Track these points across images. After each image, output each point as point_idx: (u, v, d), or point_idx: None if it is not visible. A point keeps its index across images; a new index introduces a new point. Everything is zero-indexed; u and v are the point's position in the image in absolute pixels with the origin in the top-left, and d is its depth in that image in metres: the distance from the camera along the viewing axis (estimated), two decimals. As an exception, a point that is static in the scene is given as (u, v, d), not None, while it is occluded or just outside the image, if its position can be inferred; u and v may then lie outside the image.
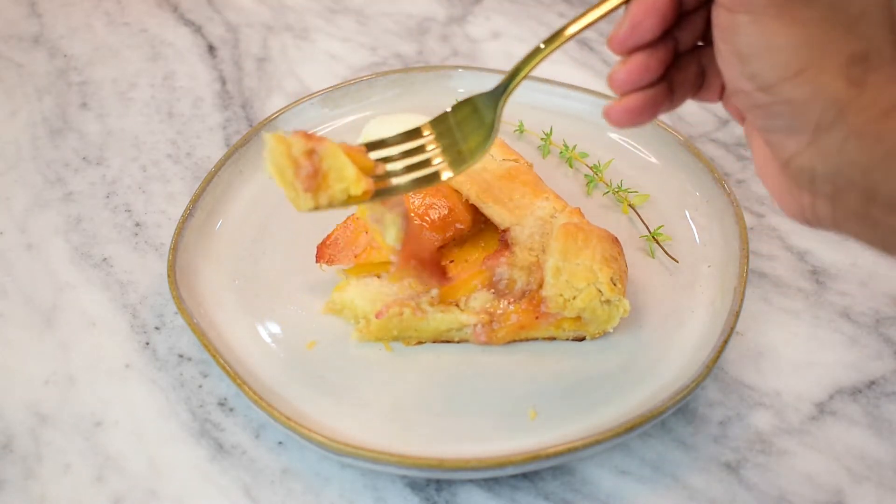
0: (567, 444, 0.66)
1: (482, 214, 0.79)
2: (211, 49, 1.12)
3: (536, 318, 0.74)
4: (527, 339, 0.76)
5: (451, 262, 0.79)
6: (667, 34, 0.58)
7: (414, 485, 0.69)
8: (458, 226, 0.79)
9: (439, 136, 0.64)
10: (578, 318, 0.74)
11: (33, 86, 1.06)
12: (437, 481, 0.69)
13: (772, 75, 0.50)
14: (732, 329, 0.74)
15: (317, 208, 0.61)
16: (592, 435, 0.67)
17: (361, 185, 0.61)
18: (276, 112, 0.94)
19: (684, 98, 0.60)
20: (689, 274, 0.82)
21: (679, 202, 0.89)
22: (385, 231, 0.66)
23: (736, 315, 0.75)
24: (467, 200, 0.79)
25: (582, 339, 0.76)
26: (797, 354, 0.79)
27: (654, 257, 0.84)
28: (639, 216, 0.86)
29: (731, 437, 0.73)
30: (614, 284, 0.72)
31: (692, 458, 0.71)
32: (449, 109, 0.63)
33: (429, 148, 0.64)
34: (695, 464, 0.71)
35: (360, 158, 0.63)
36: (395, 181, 0.62)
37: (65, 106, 1.03)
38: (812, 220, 0.54)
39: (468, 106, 0.63)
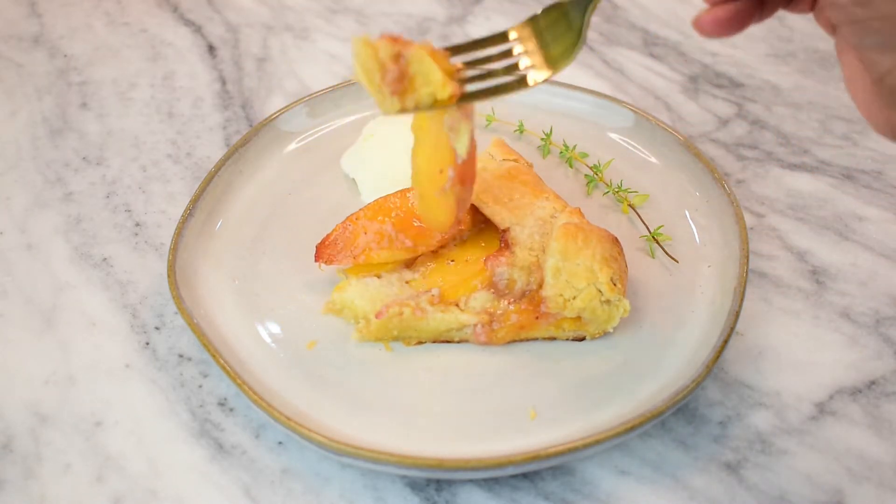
0: (567, 444, 0.66)
1: (482, 214, 0.79)
2: (211, 49, 1.12)
3: (536, 318, 0.74)
4: (527, 339, 0.76)
5: (452, 262, 0.79)
6: None
7: (414, 485, 0.69)
8: (458, 226, 0.79)
9: (525, 40, 0.62)
10: (578, 317, 0.74)
11: (33, 86, 1.06)
12: (437, 481, 0.69)
13: None
14: (732, 329, 0.74)
15: (403, 111, 0.61)
16: (592, 435, 0.67)
17: (448, 89, 0.60)
18: (277, 112, 0.94)
19: (775, 9, 0.58)
20: (689, 274, 0.82)
21: (679, 202, 0.89)
22: (457, 139, 0.65)
23: (736, 315, 0.75)
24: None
25: (582, 338, 0.76)
26: (797, 354, 0.79)
27: (654, 257, 0.84)
28: (639, 216, 0.86)
29: (731, 437, 0.73)
30: (614, 284, 0.72)
31: (692, 458, 0.71)
32: (539, 12, 0.62)
33: (516, 51, 0.62)
34: (695, 464, 0.71)
35: (445, 63, 0.62)
36: (479, 86, 0.61)
37: (65, 106, 1.03)
38: None
39: (557, 10, 0.61)
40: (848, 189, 0.95)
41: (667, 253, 0.83)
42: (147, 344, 0.78)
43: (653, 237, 0.84)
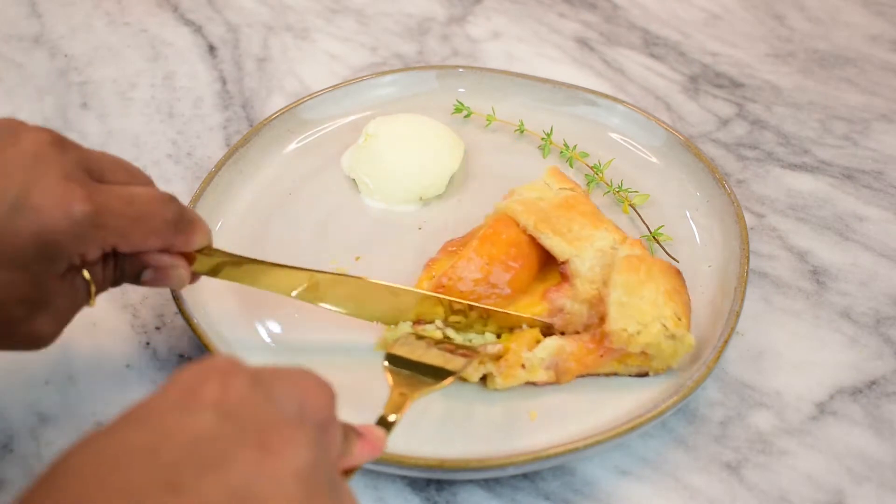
0: (567, 444, 0.66)
1: (540, 246, 0.77)
2: (211, 49, 1.12)
3: (601, 355, 0.72)
4: (588, 376, 0.74)
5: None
6: None
7: (414, 485, 0.69)
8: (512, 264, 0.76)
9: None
10: (643, 353, 0.72)
11: (33, 86, 1.06)
12: (438, 481, 0.69)
13: None
14: (732, 329, 0.74)
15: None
16: (592, 435, 0.67)
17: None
18: (277, 112, 0.94)
19: None
20: (690, 274, 0.82)
21: (679, 202, 0.89)
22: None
23: (736, 315, 0.75)
24: (525, 230, 0.77)
25: (645, 374, 0.74)
26: (797, 354, 0.79)
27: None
28: (639, 216, 0.86)
29: (732, 437, 0.73)
30: (679, 319, 0.71)
31: (692, 458, 0.71)
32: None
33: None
34: (695, 464, 0.71)
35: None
36: None
37: (65, 106, 1.03)
38: None
39: None
40: (848, 189, 0.95)
41: (667, 253, 0.83)
42: (148, 344, 0.78)
43: (653, 237, 0.84)
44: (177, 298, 0.74)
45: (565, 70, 1.10)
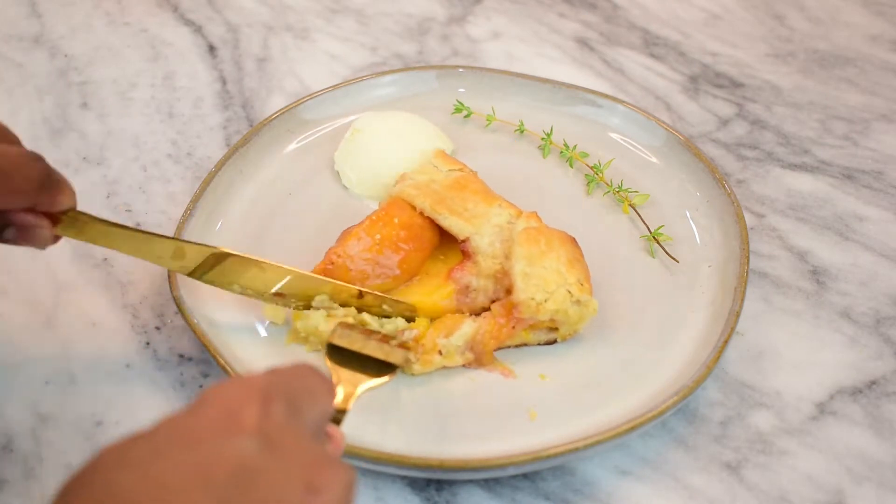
0: (567, 444, 0.66)
1: (434, 229, 0.79)
2: (211, 49, 1.12)
3: (513, 327, 0.74)
4: (499, 349, 0.75)
5: (416, 278, 0.79)
6: None
7: (414, 485, 0.69)
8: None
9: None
10: (550, 321, 0.74)
11: (34, 86, 1.06)
12: (438, 481, 0.69)
13: None
14: (732, 329, 0.74)
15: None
16: (592, 435, 0.67)
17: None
18: (276, 112, 0.94)
19: None
20: (689, 274, 0.82)
21: (679, 202, 0.89)
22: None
23: (736, 315, 0.75)
24: (422, 213, 0.79)
25: (553, 342, 0.76)
26: (797, 354, 0.79)
27: (654, 257, 0.84)
28: (639, 216, 0.86)
29: (732, 437, 0.73)
30: (581, 284, 0.73)
31: (692, 458, 0.71)
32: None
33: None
34: (695, 464, 0.71)
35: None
36: None
37: (65, 106, 1.03)
38: None
39: None
40: (848, 189, 0.95)
41: (667, 253, 0.83)
42: (147, 344, 0.78)
43: (653, 237, 0.84)
44: (177, 298, 0.74)
45: (565, 70, 1.10)
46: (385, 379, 0.67)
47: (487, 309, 0.76)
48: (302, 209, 0.88)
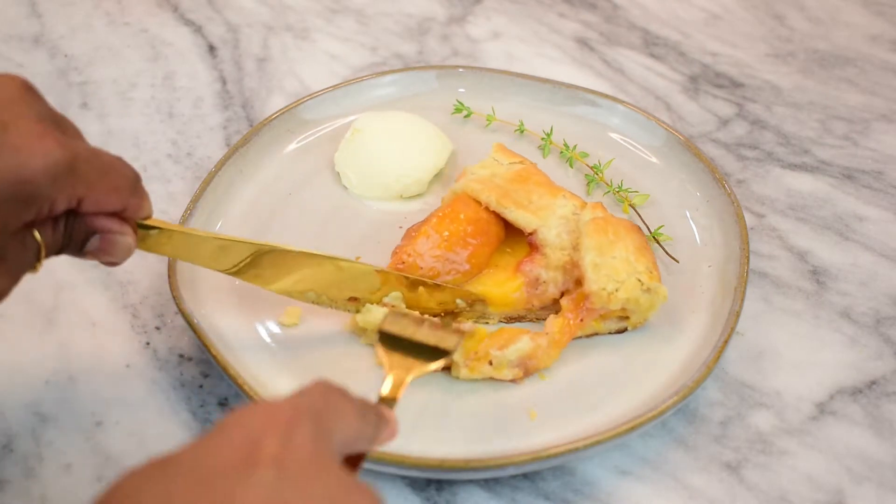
0: (567, 444, 0.66)
1: (504, 220, 0.79)
2: (211, 49, 1.12)
3: (581, 319, 0.74)
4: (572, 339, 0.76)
5: (485, 271, 0.79)
6: None
7: (414, 485, 0.69)
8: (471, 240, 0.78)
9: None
10: (622, 309, 0.74)
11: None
12: (438, 481, 0.69)
13: None
14: (732, 329, 0.74)
15: None
16: (592, 435, 0.67)
17: None
18: (276, 112, 0.94)
19: None
20: (690, 274, 0.82)
21: (679, 202, 0.89)
22: None
23: (736, 315, 0.75)
24: (487, 208, 0.79)
25: (624, 330, 0.77)
26: (797, 354, 0.79)
27: (654, 257, 0.84)
28: (639, 216, 0.86)
29: (732, 437, 0.73)
30: (651, 272, 0.74)
31: (692, 458, 0.71)
32: None
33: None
34: (695, 464, 0.71)
35: None
36: None
37: (65, 106, 1.03)
38: None
39: None
40: (848, 189, 0.95)
41: (667, 253, 0.83)
42: (147, 344, 0.78)
43: (653, 237, 0.84)
44: (177, 298, 0.74)
45: (565, 70, 1.10)
46: (440, 363, 0.65)
47: (557, 301, 0.76)
48: (302, 209, 0.88)
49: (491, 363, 0.72)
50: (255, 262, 0.71)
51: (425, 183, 0.90)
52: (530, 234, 0.78)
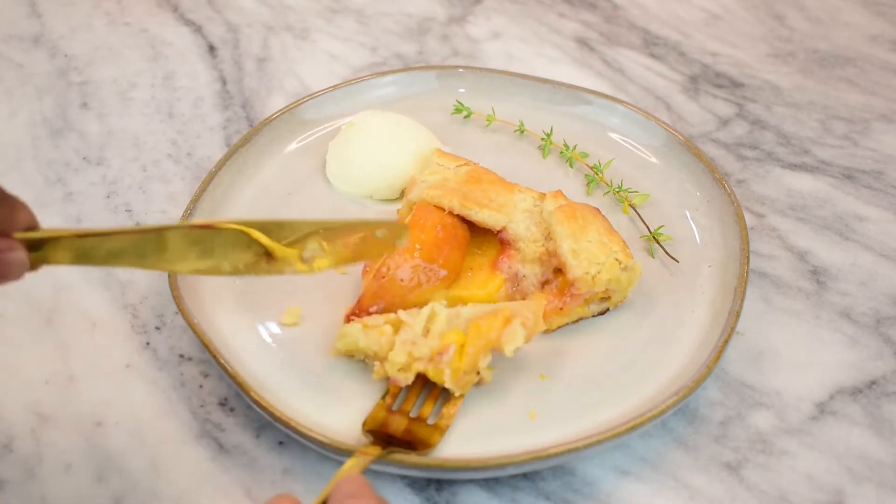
0: (567, 444, 0.66)
1: (462, 225, 0.79)
2: (211, 49, 1.12)
3: (561, 308, 0.75)
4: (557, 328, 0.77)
5: (463, 275, 0.79)
6: None
7: (414, 485, 0.69)
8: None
9: None
10: (605, 291, 0.75)
11: (34, 86, 1.06)
12: (438, 481, 0.69)
13: None
14: (732, 329, 0.74)
15: None
16: (592, 435, 0.67)
17: None
18: (277, 112, 0.94)
19: None
20: (690, 274, 0.82)
21: (679, 202, 0.89)
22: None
23: (736, 315, 0.75)
24: (451, 212, 0.78)
25: (605, 311, 0.78)
26: (797, 354, 0.79)
27: (654, 257, 0.84)
28: (639, 216, 0.86)
29: (732, 437, 0.73)
30: (624, 251, 0.76)
31: (692, 458, 0.71)
32: None
33: None
34: (695, 464, 0.71)
35: None
36: None
37: (65, 106, 1.03)
38: None
39: None
40: (848, 189, 0.95)
41: (667, 253, 0.83)
42: (147, 344, 0.78)
43: (653, 237, 0.84)
44: (177, 298, 0.74)
45: (565, 70, 1.10)
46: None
47: (538, 293, 0.77)
48: (302, 209, 0.88)
49: (479, 373, 0.70)
50: (141, 250, 0.63)
51: (397, 190, 0.89)
52: (499, 231, 0.78)
